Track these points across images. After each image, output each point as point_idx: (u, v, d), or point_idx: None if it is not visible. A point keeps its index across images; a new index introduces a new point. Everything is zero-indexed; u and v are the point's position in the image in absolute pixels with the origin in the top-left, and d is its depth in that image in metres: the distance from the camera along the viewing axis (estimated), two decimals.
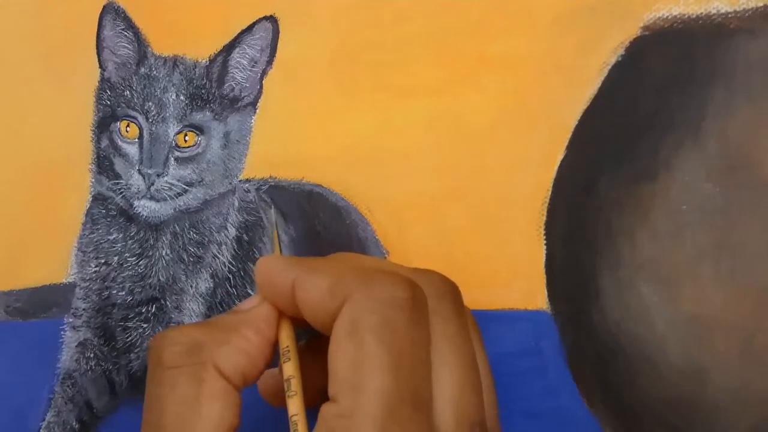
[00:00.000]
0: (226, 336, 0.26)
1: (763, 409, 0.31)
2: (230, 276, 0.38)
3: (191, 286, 0.38)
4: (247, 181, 0.39)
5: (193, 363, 0.25)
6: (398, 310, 0.23)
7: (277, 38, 0.39)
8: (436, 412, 0.23)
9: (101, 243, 0.40)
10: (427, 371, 0.24)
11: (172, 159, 0.38)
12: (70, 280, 0.40)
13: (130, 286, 0.39)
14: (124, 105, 0.39)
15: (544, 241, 0.34)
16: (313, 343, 0.28)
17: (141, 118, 0.39)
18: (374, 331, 0.23)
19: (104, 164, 0.40)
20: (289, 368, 0.26)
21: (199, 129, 0.38)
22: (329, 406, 0.23)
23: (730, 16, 0.33)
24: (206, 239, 0.38)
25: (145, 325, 0.39)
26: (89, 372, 0.39)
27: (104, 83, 0.40)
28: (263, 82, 0.39)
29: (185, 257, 0.38)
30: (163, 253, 0.39)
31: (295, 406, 0.25)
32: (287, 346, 0.26)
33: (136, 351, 0.39)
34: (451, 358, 0.24)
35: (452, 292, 0.26)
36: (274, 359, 0.27)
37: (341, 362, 0.23)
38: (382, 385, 0.22)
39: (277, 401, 0.29)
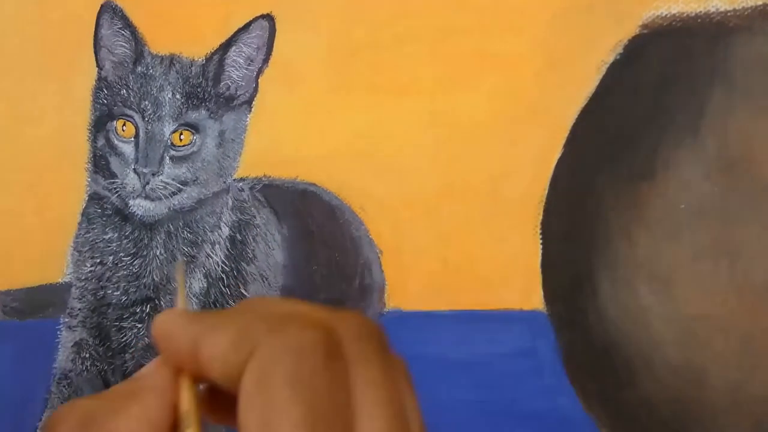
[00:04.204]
0: (122, 404, 0.24)
1: (761, 409, 0.30)
2: (223, 276, 0.38)
3: (185, 287, 0.38)
4: (241, 179, 0.39)
5: None
6: (310, 357, 0.21)
7: (274, 37, 0.39)
8: None
9: (97, 242, 0.39)
10: (347, 420, 0.22)
11: (168, 158, 0.38)
12: (66, 280, 0.40)
13: (125, 285, 0.39)
14: (120, 104, 0.39)
15: (541, 240, 0.34)
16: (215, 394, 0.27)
17: (137, 117, 0.39)
18: (284, 382, 0.21)
19: (100, 163, 0.40)
20: None
21: (194, 128, 0.38)
22: None
23: (729, 14, 0.33)
24: (200, 238, 0.38)
25: (139, 325, 0.39)
26: (85, 372, 0.39)
27: (101, 82, 0.40)
28: (259, 80, 0.39)
29: (179, 257, 0.38)
30: (158, 253, 0.38)
31: None
32: (187, 411, 0.25)
33: (130, 351, 0.39)
34: (374, 406, 0.22)
35: (374, 333, 0.24)
36: None
37: (251, 420, 0.21)
38: None
39: None
